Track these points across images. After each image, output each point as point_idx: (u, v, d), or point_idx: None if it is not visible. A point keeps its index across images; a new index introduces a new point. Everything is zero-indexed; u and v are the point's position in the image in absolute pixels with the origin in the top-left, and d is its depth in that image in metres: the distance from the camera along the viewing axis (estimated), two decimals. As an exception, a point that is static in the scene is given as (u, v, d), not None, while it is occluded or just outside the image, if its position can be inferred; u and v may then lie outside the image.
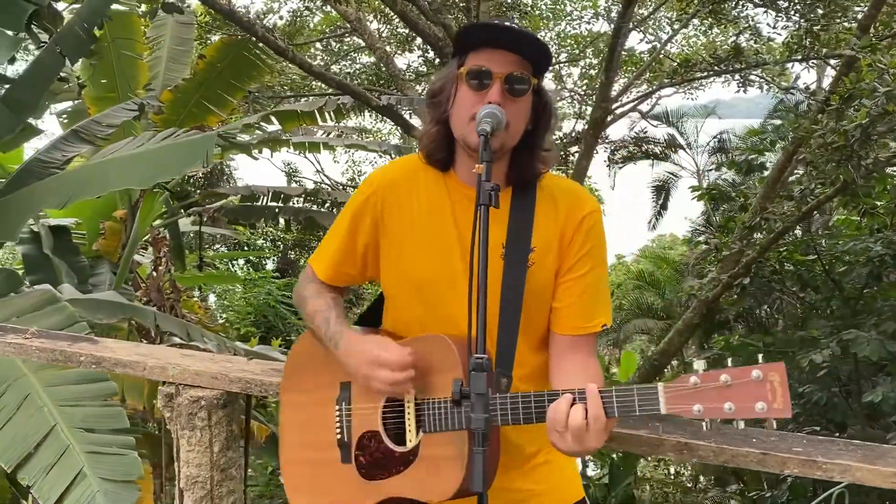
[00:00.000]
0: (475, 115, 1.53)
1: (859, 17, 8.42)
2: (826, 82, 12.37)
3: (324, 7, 14.04)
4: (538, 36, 1.62)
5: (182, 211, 7.84)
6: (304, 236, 19.19)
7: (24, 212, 3.47)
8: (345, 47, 15.93)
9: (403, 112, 9.15)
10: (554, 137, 1.70)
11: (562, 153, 10.11)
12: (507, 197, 1.66)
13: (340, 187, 17.50)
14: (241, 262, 19.44)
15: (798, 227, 9.43)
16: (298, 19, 12.89)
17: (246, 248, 18.83)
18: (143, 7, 5.35)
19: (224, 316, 15.73)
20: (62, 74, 4.89)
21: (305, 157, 17.54)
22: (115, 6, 6.60)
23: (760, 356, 1.37)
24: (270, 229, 18.87)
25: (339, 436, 1.71)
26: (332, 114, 7.41)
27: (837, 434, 7.81)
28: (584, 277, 1.65)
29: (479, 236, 1.35)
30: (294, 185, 18.35)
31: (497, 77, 1.54)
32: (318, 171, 19.81)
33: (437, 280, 1.67)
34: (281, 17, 12.99)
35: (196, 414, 2.07)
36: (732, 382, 1.31)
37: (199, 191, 9.39)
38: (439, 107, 1.64)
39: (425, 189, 1.70)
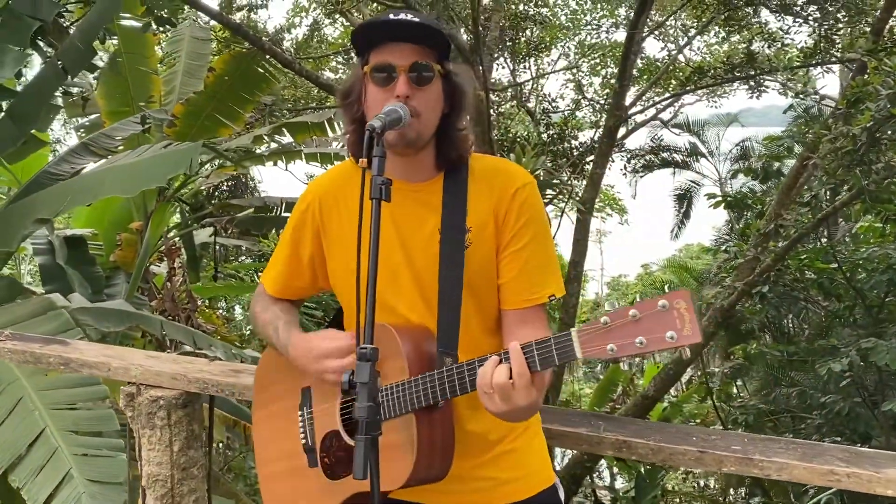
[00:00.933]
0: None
1: (870, 20, 8.31)
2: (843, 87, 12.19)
3: (344, 21, 14.20)
4: (435, 22, 1.63)
5: (196, 223, 7.97)
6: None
7: (22, 221, 3.58)
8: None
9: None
10: (467, 117, 1.71)
11: (577, 161, 10.10)
12: (440, 182, 1.69)
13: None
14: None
15: (823, 234, 9.30)
16: (317, 34, 13.04)
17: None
18: (153, 24, 5.48)
19: (249, 327, 15.87)
20: (68, 88, 5.02)
21: (325, 169, 17.69)
22: (128, 22, 6.81)
23: (667, 287, 1.35)
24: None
25: (303, 441, 1.73)
26: (341, 125, 7.48)
27: (860, 445, 7.66)
28: (523, 249, 1.65)
29: (371, 229, 1.37)
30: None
31: (401, 69, 1.57)
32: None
33: (378, 275, 1.69)
34: (304, 32, 13.17)
35: (156, 413, 2.12)
36: (641, 316, 1.29)
37: (214, 202, 9.53)
38: (352, 108, 1.67)
39: (349, 199, 1.73)
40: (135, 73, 6.92)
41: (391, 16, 1.60)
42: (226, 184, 15.36)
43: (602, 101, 15.14)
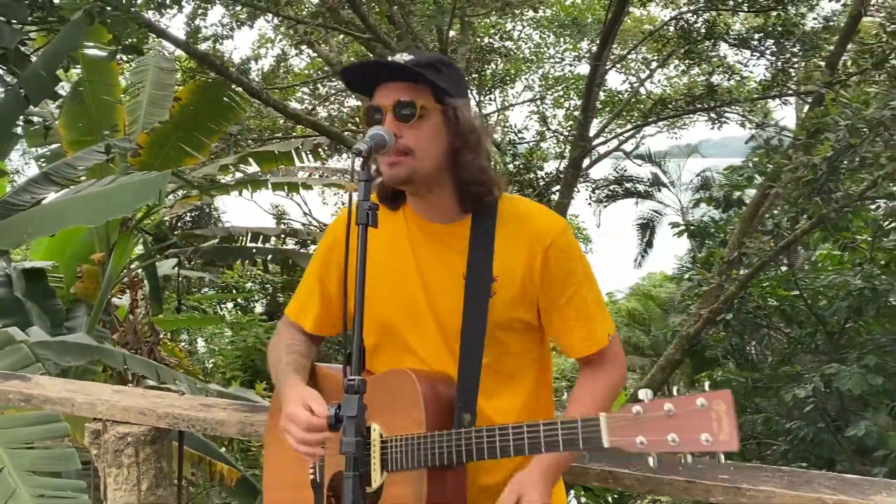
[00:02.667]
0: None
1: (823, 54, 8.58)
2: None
3: (309, 53, 14.22)
4: (427, 60, 1.60)
5: (160, 254, 7.82)
6: (292, 279, 19.11)
7: (-21, 252, 3.46)
8: (332, 91, 16.11)
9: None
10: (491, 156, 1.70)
11: (543, 192, 10.17)
12: (467, 225, 1.64)
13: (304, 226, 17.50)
14: (230, 305, 19.34)
15: (783, 262, 9.47)
16: (283, 64, 13.03)
17: (234, 291, 18.78)
18: (121, 53, 5.41)
19: (212, 360, 15.60)
20: (29, 116, 4.91)
21: (292, 200, 17.59)
22: (92, 51, 6.71)
23: (707, 384, 1.32)
24: (259, 272, 18.87)
25: (312, 476, 1.68)
26: (308, 154, 7.44)
27: (825, 470, 7.73)
28: (572, 300, 1.63)
29: (358, 255, 1.34)
30: (283, 226, 18.37)
31: (386, 108, 1.56)
32: (305, 213, 19.86)
33: (400, 319, 1.66)
34: (262, 60, 13.16)
35: (123, 451, 2.04)
36: (676, 412, 1.22)
37: (178, 233, 9.38)
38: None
39: (383, 231, 1.64)
40: (98, 101, 6.81)
41: (389, 58, 1.62)
42: (189, 214, 15.15)
43: (566, 133, 15.36)
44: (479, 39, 11.43)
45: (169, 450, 2.13)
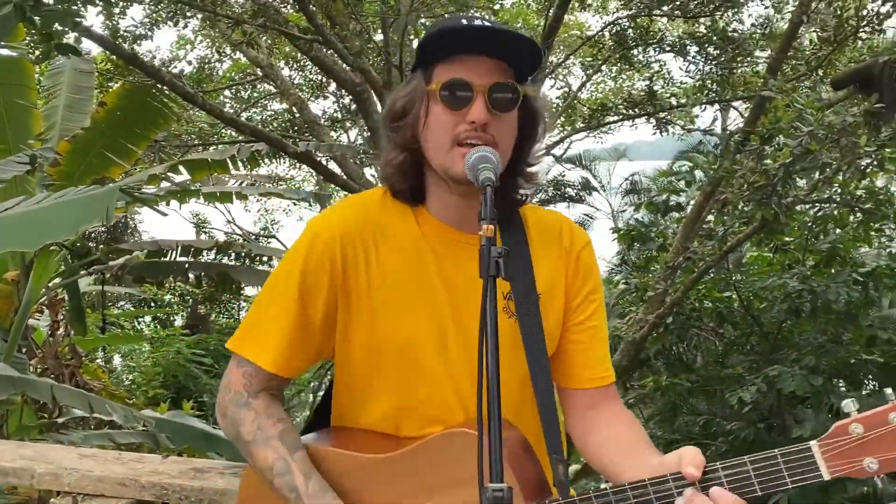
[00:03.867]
0: (457, 138, 1.26)
1: (761, 62, 8.75)
2: (730, 124, 12.89)
3: (232, 54, 13.69)
4: (523, 33, 1.33)
5: (82, 270, 7.26)
6: (214, 290, 18.44)
7: None
8: (255, 94, 15.59)
9: (321, 158, 8.88)
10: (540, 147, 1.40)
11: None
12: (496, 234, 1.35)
13: (253, 237, 16.94)
14: (148, 319, 18.56)
15: (725, 266, 9.61)
16: (207, 66, 12.48)
17: (152, 306, 17.99)
18: (38, 52, 4.90)
19: (131, 378, 14.85)
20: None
21: (215, 208, 16.94)
22: (3, 51, 6.15)
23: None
24: (179, 284, 18.11)
25: None
26: (245, 161, 7.03)
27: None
28: (592, 317, 1.40)
29: (489, 316, 1.02)
30: (203, 237, 17.70)
31: (479, 90, 1.26)
32: (228, 221, 19.19)
33: (422, 343, 1.34)
34: (189, 63, 12.56)
35: (100, 532, 1.69)
36: None
37: (100, 247, 8.78)
38: (405, 131, 1.34)
39: (393, 233, 1.37)
40: (12, 106, 6.25)
41: (464, 21, 1.29)
42: (104, 226, 14.37)
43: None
44: (414, 42, 11.21)
45: (153, 525, 1.80)
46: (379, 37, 9.83)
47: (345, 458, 1.33)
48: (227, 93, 14.95)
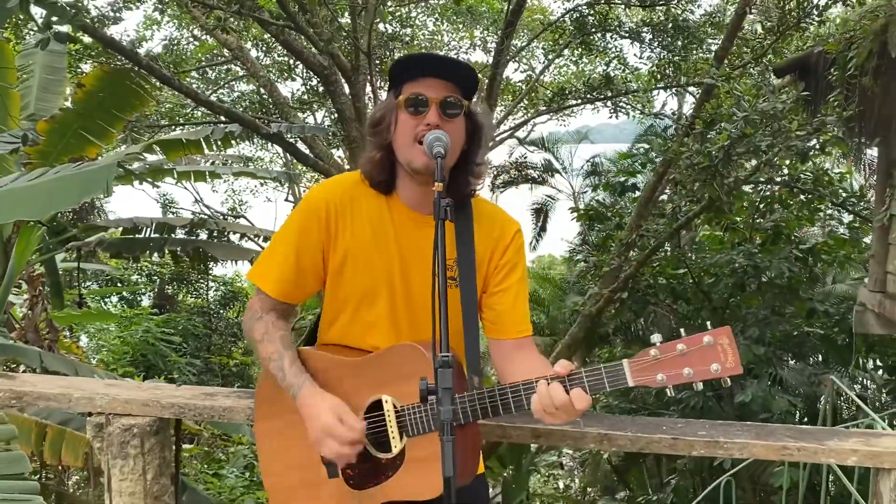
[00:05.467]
0: (416, 136, 1.68)
1: (713, 48, 9.19)
2: (686, 108, 13.38)
3: (201, 36, 13.79)
4: (466, 63, 1.77)
5: (59, 246, 7.46)
6: (182, 269, 18.55)
7: None
8: (221, 75, 15.66)
9: (291, 139, 9.13)
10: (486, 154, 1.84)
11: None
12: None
13: (222, 217, 17.04)
14: (115, 298, 18.52)
15: (669, 243, 10.10)
16: (175, 48, 12.58)
17: (119, 284, 17.99)
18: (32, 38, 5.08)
19: (98, 357, 14.93)
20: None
21: (184, 187, 17.02)
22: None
23: (709, 323, 1.52)
24: (146, 263, 18.16)
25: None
26: (219, 142, 7.28)
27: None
28: (514, 286, 1.82)
29: (439, 248, 1.47)
30: (171, 215, 17.73)
31: (433, 101, 1.69)
32: (196, 200, 19.26)
33: (378, 294, 1.79)
34: (158, 42, 12.62)
35: (129, 442, 2.06)
36: (688, 350, 1.43)
37: (73, 225, 8.96)
38: (381, 135, 1.76)
39: (367, 211, 1.80)
40: (-9, 87, 6.41)
41: (425, 53, 1.73)
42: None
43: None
44: (380, 27, 11.47)
45: (169, 439, 2.17)
46: (346, 20, 10.08)
47: (323, 359, 1.82)
48: (193, 74, 15.03)
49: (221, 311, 18.27)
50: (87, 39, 10.07)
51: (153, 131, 11.51)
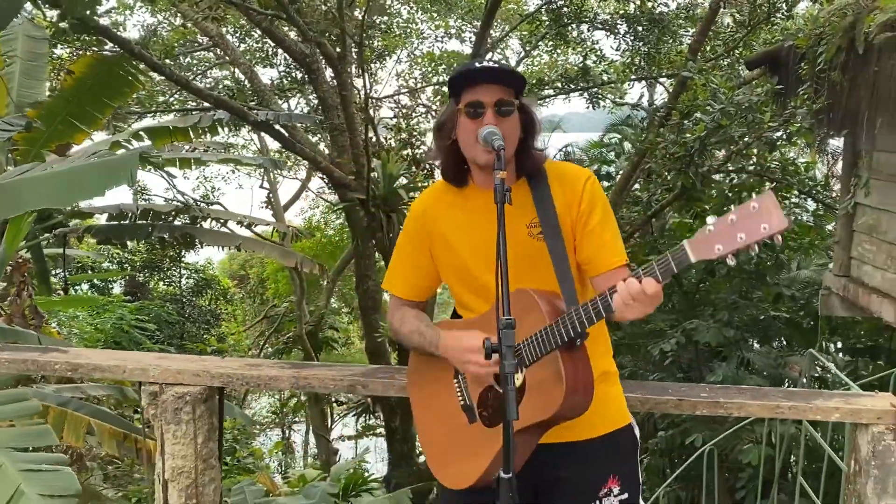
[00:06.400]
0: (477, 136, 1.92)
1: (685, 42, 9.46)
2: (657, 98, 13.70)
3: (181, 23, 13.72)
4: (512, 67, 2.00)
5: (46, 232, 7.51)
6: (154, 257, 18.47)
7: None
8: (194, 62, 15.60)
9: (276, 126, 9.21)
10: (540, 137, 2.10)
11: (428, 167, 10.56)
12: (524, 186, 2.05)
13: (197, 204, 16.98)
14: (85, 286, 18.37)
15: (649, 230, 10.39)
16: (153, 35, 12.53)
17: (91, 271, 17.85)
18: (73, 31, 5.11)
19: (73, 344, 14.83)
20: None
21: (157, 174, 16.91)
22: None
23: (755, 193, 1.67)
24: (116, 251, 18.03)
25: (461, 402, 2.05)
26: (206, 130, 7.39)
27: (684, 414, 8.70)
28: (597, 226, 2.03)
29: (499, 222, 1.74)
30: (143, 202, 17.62)
31: (488, 105, 1.94)
32: (168, 187, 19.16)
33: (476, 266, 2.07)
34: (134, 26, 12.53)
35: (182, 409, 2.24)
36: (738, 219, 1.55)
37: (57, 211, 8.97)
38: (445, 137, 2.03)
39: (454, 205, 2.12)
40: (-20, 73, 6.43)
41: (476, 64, 1.99)
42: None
43: (436, 109, 15.80)
44: (357, 16, 11.55)
45: (216, 407, 2.35)
46: (324, 6, 10.15)
47: (454, 324, 2.16)
48: (167, 60, 14.93)
49: (194, 299, 18.26)
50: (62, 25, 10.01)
51: (131, 119, 11.48)
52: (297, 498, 5.40)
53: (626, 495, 2.05)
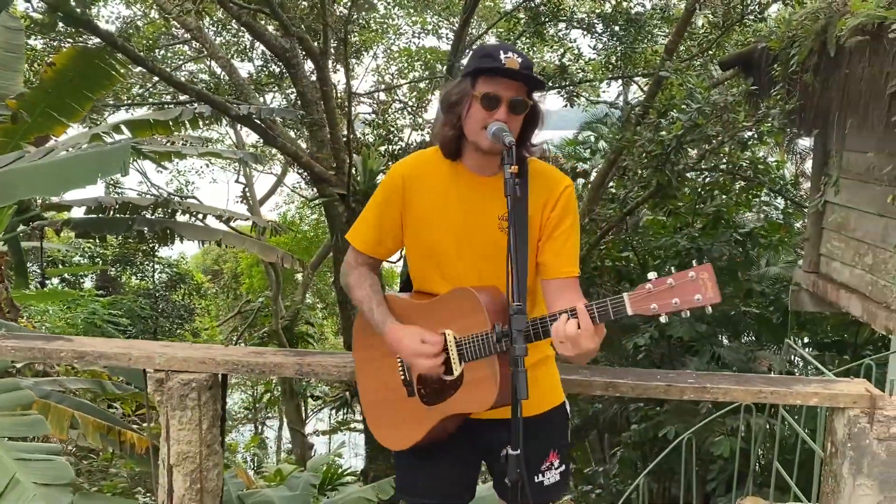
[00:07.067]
0: (486, 126, 2.00)
1: (660, 41, 9.63)
2: (631, 97, 13.89)
3: (148, 15, 13.62)
4: (532, 69, 2.06)
5: (23, 224, 7.44)
6: (126, 251, 18.28)
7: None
8: (169, 55, 15.47)
9: (256, 120, 9.20)
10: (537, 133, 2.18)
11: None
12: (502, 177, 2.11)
13: (172, 197, 16.88)
14: (56, 280, 18.15)
15: (623, 227, 10.56)
16: (130, 29, 12.42)
17: (62, 265, 17.64)
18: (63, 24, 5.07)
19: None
20: None
21: (133, 167, 16.75)
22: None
23: (694, 261, 1.82)
24: (88, 245, 17.84)
25: (402, 377, 2.18)
26: (187, 123, 7.38)
27: (658, 408, 8.89)
28: (564, 233, 2.13)
29: (509, 215, 1.86)
30: (115, 195, 17.45)
31: (504, 100, 2.00)
32: (141, 181, 19.00)
33: (446, 246, 2.14)
34: (108, 20, 12.42)
35: (188, 395, 2.30)
36: (675, 284, 1.72)
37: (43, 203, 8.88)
38: (454, 115, 2.08)
39: (437, 178, 2.16)
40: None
41: (502, 54, 2.01)
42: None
43: (412, 105, 15.86)
44: (338, 11, 11.57)
45: (220, 393, 2.41)
46: (303, 3, 10.15)
47: (402, 302, 2.22)
48: (140, 53, 14.78)
49: (167, 294, 18.11)
50: (34, 15, 9.93)
51: (106, 112, 11.38)
52: (281, 489, 5.46)
53: (563, 467, 2.24)
